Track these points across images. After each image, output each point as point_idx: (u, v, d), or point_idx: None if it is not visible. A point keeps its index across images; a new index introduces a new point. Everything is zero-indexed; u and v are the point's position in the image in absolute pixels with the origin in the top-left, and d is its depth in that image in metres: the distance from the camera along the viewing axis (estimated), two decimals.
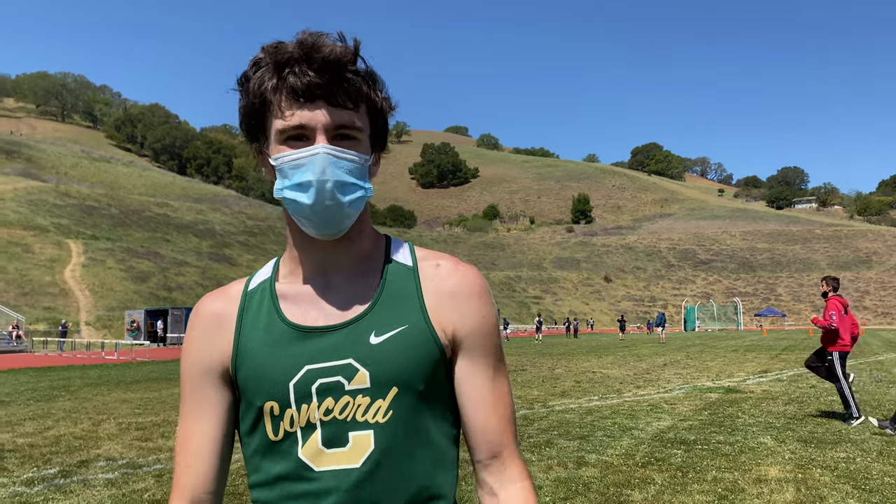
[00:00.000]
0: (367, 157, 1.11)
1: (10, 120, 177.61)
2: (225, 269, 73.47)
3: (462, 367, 1.15)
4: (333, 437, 1.08)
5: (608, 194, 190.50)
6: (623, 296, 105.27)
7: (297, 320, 1.13)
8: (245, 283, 1.22)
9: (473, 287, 1.16)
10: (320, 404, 1.08)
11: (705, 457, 7.18)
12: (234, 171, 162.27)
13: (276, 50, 1.07)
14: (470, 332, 1.14)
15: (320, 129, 1.06)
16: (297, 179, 1.06)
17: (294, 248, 1.17)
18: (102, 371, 21.99)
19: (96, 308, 53.55)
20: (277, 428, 1.10)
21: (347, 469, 1.07)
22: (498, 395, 1.16)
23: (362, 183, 1.10)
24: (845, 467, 6.62)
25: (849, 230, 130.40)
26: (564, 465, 6.87)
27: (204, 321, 1.18)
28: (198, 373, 1.16)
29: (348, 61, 1.07)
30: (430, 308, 1.14)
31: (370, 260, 1.18)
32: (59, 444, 8.46)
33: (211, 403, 1.16)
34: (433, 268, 1.18)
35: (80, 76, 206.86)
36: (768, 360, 22.68)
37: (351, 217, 1.10)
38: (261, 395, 1.10)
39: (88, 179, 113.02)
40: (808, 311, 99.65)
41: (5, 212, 68.55)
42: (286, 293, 1.16)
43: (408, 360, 1.10)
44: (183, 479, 1.15)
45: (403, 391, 1.09)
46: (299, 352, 1.11)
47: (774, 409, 10.75)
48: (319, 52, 1.05)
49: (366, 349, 1.10)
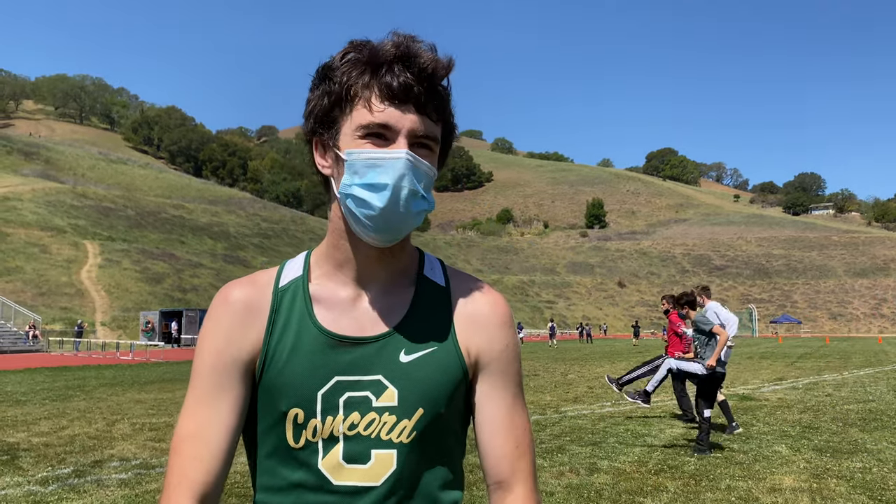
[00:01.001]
0: (436, 172, 1.09)
1: (30, 122, 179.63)
2: (239, 271, 73.80)
3: (482, 391, 1.14)
4: (355, 453, 1.07)
5: (622, 199, 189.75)
6: (637, 301, 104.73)
7: (329, 327, 1.11)
8: (275, 278, 1.17)
9: (502, 315, 1.16)
10: (346, 418, 1.07)
11: (719, 465, 7.12)
12: (249, 174, 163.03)
13: (373, 47, 1.05)
14: (494, 359, 1.14)
15: (405, 132, 1.03)
16: (371, 179, 1.03)
17: (335, 250, 1.14)
18: (117, 371, 22.16)
19: (112, 309, 53.98)
20: (299, 436, 1.08)
21: (367, 487, 1.06)
22: (516, 422, 1.15)
23: (428, 195, 1.07)
24: (861, 477, 6.53)
25: (866, 237, 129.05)
26: (576, 471, 6.83)
27: (234, 311, 1.12)
28: (222, 363, 1.10)
29: (442, 75, 1.06)
30: (459, 331, 1.14)
31: (405, 274, 1.16)
32: (73, 443, 8.53)
33: (231, 396, 1.10)
34: (465, 291, 1.17)
35: (99, 79, 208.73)
36: (784, 367, 22.47)
37: (411, 228, 1.08)
38: (286, 400, 1.08)
39: (105, 181, 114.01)
40: (825, 318, 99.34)
41: (24, 212, 69.30)
42: (319, 296, 1.13)
43: (435, 381, 1.09)
44: (191, 473, 1.06)
45: (429, 412, 1.08)
46: (330, 361, 1.09)
47: (790, 417, 10.64)
48: (419, 57, 1.03)
49: (396, 367, 1.09)
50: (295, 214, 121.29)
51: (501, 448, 1.13)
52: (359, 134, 1.05)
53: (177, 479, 1.07)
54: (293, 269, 1.18)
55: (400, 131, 1.03)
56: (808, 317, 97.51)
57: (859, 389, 14.78)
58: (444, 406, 1.10)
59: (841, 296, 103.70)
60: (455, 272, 1.21)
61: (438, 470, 1.11)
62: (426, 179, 1.06)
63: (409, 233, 1.10)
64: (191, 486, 1.06)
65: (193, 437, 1.08)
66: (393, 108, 1.03)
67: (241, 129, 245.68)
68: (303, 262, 1.19)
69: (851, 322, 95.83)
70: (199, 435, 1.08)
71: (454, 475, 1.14)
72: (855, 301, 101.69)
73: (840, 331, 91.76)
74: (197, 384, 1.11)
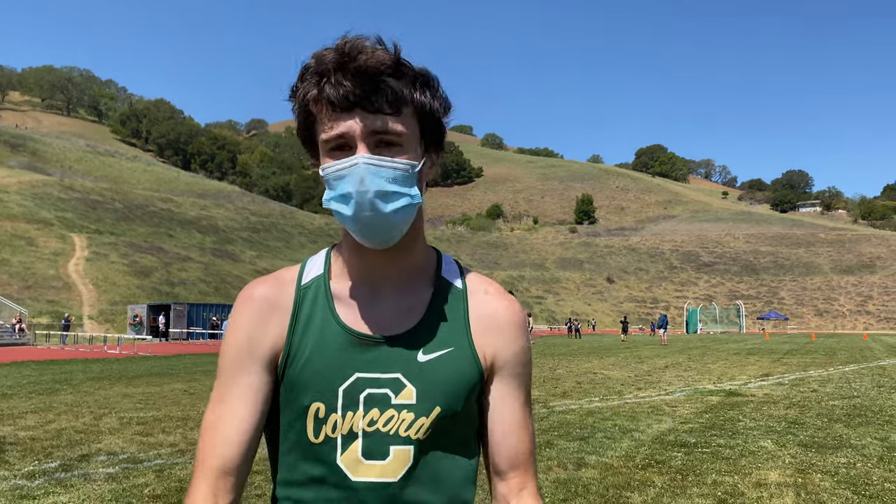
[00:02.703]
0: (412, 164, 1.08)
1: (16, 113, 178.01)
2: (228, 265, 73.53)
3: (495, 392, 1.18)
4: (374, 449, 1.10)
5: (612, 195, 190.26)
6: (625, 297, 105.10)
7: (351, 325, 1.14)
8: (298, 275, 1.20)
9: (517, 318, 1.20)
10: (365, 414, 1.10)
11: (705, 460, 7.17)
12: (238, 168, 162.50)
13: (318, 59, 1.07)
14: (508, 361, 1.18)
15: (359, 137, 1.05)
16: (340, 191, 1.06)
17: (347, 250, 1.18)
18: (104, 365, 22.03)
19: (99, 302, 53.65)
20: (319, 431, 1.11)
21: (385, 482, 1.09)
22: (527, 422, 1.20)
23: (406, 190, 1.07)
24: (846, 472, 6.60)
25: (853, 234, 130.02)
26: (564, 466, 6.87)
27: (257, 307, 1.15)
28: (246, 358, 1.13)
29: (386, 67, 1.05)
30: (475, 333, 1.16)
31: (421, 274, 1.19)
32: (60, 437, 8.48)
33: (254, 390, 1.13)
34: (482, 293, 1.20)
35: (86, 71, 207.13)
36: (770, 363, 22.64)
37: (398, 226, 1.08)
38: (309, 394, 1.11)
39: (93, 173, 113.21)
40: (811, 314, 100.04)
41: (10, 205, 68.71)
42: (340, 295, 1.16)
43: (452, 381, 1.13)
44: (209, 460, 1.11)
45: (445, 411, 1.12)
46: (351, 358, 1.12)
47: (775, 412, 10.73)
48: (355, 60, 1.04)
49: (414, 366, 1.12)
50: (284, 208, 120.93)
51: (516, 447, 1.18)
52: (325, 150, 1.08)
53: (194, 473, 1.13)
54: (315, 266, 1.21)
55: (355, 137, 1.05)
56: (795, 313, 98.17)
57: (844, 385, 14.91)
58: (460, 405, 1.13)
59: (827, 293, 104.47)
60: (472, 274, 1.24)
61: (454, 466, 1.15)
62: (397, 175, 1.06)
63: (403, 231, 1.10)
64: (206, 474, 1.10)
65: (213, 427, 1.12)
66: (340, 119, 1.05)
67: (231, 122, 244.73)
68: (324, 260, 1.21)
69: (837, 319, 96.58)
70: (218, 427, 1.12)
71: (469, 472, 1.17)
72: (841, 298, 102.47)
73: (826, 327, 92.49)
74: (221, 379, 1.15)
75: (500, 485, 1.20)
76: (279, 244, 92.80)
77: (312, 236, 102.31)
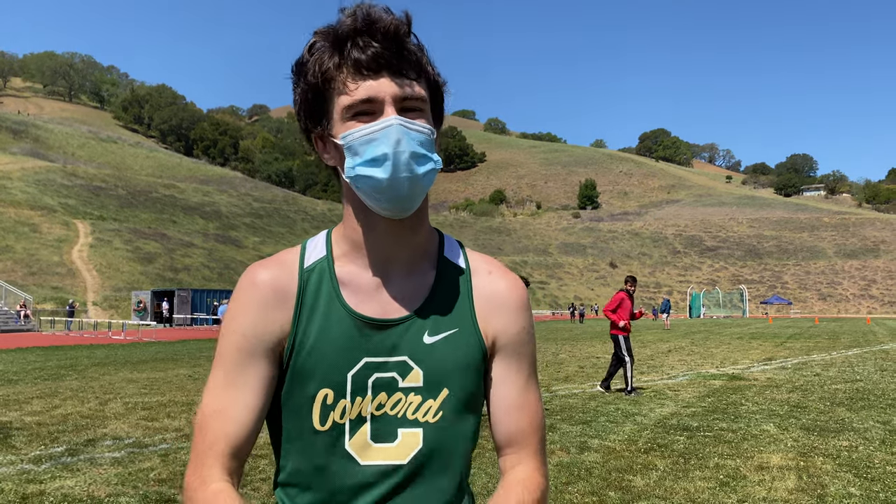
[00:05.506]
0: (433, 130, 1.09)
1: (18, 99, 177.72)
2: (231, 250, 73.68)
3: (498, 372, 1.17)
4: (383, 433, 1.09)
5: (615, 180, 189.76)
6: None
7: (357, 309, 1.12)
8: (299, 258, 1.17)
9: (520, 298, 1.19)
10: (374, 398, 1.09)
11: (708, 443, 7.20)
12: (240, 153, 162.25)
13: (334, 28, 1.05)
14: (511, 341, 1.17)
15: (389, 100, 1.03)
16: (371, 154, 1.03)
17: (353, 232, 1.15)
18: (109, 351, 22.15)
19: (103, 288, 53.85)
20: (326, 417, 1.09)
21: (394, 465, 1.09)
22: (530, 399, 1.19)
23: (432, 155, 1.07)
24: (847, 456, 6.62)
25: (857, 218, 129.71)
26: (567, 449, 6.90)
27: (262, 293, 1.12)
28: (250, 345, 1.10)
29: (405, 32, 1.05)
30: (479, 313, 1.16)
31: (426, 256, 1.18)
32: (66, 422, 8.54)
33: (258, 377, 1.10)
34: (485, 274, 1.19)
35: (88, 57, 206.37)
36: (773, 347, 22.66)
37: (424, 191, 1.08)
38: (316, 381, 1.09)
39: (96, 160, 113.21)
40: (815, 299, 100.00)
41: (13, 191, 68.85)
42: (345, 278, 1.14)
43: (458, 362, 1.12)
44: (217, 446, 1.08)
45: (453, 393, 1.12)
46: (359, 343, 1.10)
47: (778, 396, 10.75)
48: (379, 22, 1.03)
49: (420, 348, 1.11)
50: (287, 194, 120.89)
51: (516, 423, 1.17)
52: (347, 116, 1.05)
53: (202, 455, 1.08)
54: (316, 248, 1.18)
55: (384, 101, 1.03)
56: (799, 297, 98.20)
57: (847, 369, 14.93)
58: (467, 386, 1.13)
59: (831, 277, 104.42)
60: (475, 255, 1.23)
61: (462, 448, 1.14)
62: (424, 139, 1.05)
63: (424, 198, 1.10)
64: (217, 457, 1.07)
65: (220, 413, 1.09)
66: (370, 81, 1.03)
67: (233, 107, 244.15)
68: (325, 242, 1.18)
69: (841, 303, 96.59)
70: (225, 413, 1.09)
71: (471, 454, 1.18)
72: (844, 282, 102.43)
73: (829, 311, 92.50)
74: (222, 365, 1.12)
75: (500, 460, 1.20)
76: (282, 230, 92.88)
77: (315, 222, 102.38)
